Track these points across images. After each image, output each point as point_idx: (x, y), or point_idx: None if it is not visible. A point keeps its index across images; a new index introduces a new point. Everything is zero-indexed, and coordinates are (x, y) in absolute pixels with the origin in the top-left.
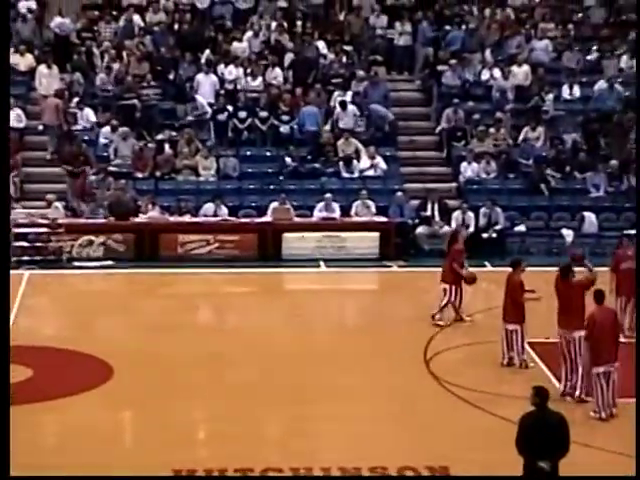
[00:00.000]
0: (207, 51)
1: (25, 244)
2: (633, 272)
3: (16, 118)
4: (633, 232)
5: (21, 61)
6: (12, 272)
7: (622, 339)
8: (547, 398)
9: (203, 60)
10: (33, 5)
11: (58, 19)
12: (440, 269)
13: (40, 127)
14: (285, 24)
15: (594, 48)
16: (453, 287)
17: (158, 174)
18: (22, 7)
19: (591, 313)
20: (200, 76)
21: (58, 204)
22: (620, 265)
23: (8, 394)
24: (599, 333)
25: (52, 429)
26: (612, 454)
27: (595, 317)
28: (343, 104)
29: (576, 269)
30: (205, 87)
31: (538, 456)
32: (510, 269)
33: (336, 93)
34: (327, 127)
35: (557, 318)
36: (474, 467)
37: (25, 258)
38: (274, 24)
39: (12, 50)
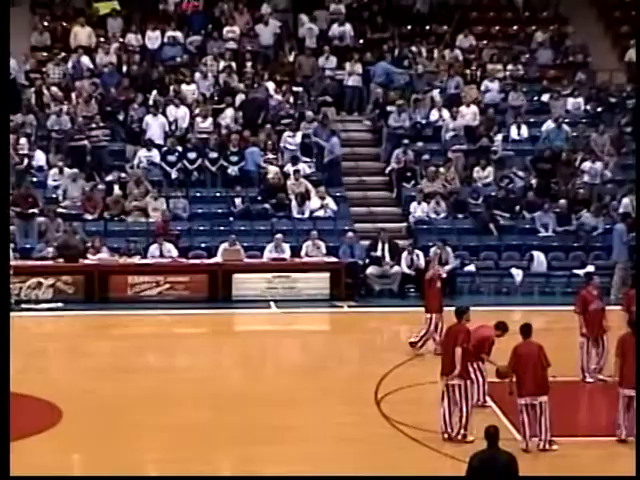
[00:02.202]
0: (154, 92)
1: None
2: (601, 313)
3: None
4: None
5: None
6: None
7: (588, 379)
8: (496, 437)
9: (151, 102)
10: None
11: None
12: (390, 309)
13: None
14: (234, 65)
15: (541, 89)
16: (434, 317)
17: (107, 215)
18: None
19: (516, 346)
20: (149, 117)
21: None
22: (589, 306)
23: (8, 395)
24: (523, 366)
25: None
26: None
27: (520, 350)
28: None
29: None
30: (154, 128)
31: None
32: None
33: (286, 134)
34: (275, 168)
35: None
36: None
37: None
38: (223, 65)
39: None
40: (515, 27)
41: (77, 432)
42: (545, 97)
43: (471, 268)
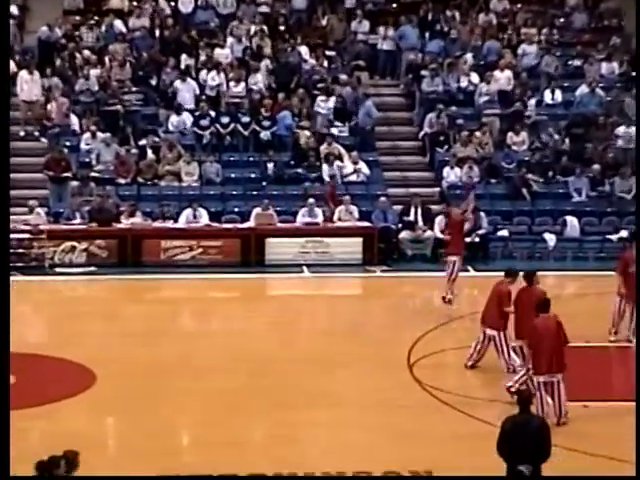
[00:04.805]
0: (184, 56)
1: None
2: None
3: None
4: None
5: None
6: None
7: (611, 337)
8: (529, 402)
9: (183, 66)
10: (15, 11)
11: (41, 25)
12: (423, 274)
13: (22, 133)
14: (267, 29)
15: (575, 53)
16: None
17: (140, 180)
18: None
19: (533, 323)
20: (178, 82)
21: (40, 210)
22: (628, 268)
23: (8, 395)
24: (540, 343)
25: (35, 436)
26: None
27: (537, 326)
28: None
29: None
30: (184, 93)
31: (518, 460)
32: (503, 276)
33: (318, 98)
34: (307, 133)
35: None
36: (459, 472)
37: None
38: (256, 29)
39: None
40: None
41: (111, 396)
42: (579, 61)
43: (504, 233)
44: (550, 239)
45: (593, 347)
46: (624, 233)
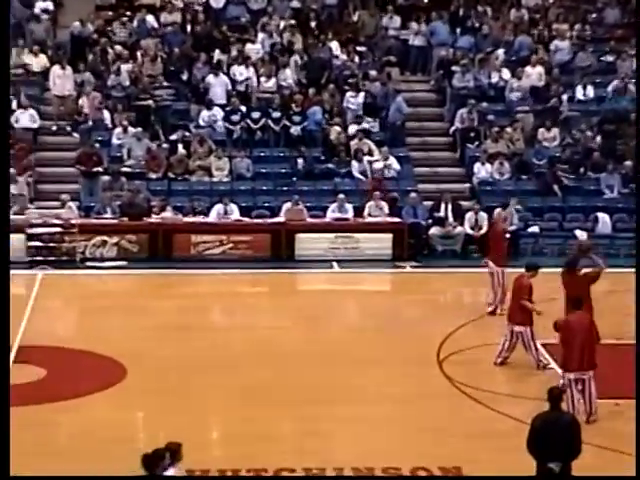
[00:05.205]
0: (216, 51)
1: (39, 244)
2: None
3: (30, 118)
4: None
5: (35, 61)
6: (25, 272)
7: None
8: (560, 399)
9: (214, 61)
10: (50, 6)
11: (74, 21)
12: (453, 270)
13: (54, 127)
14: (297, 25)
15: (608, 49)
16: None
17: (171, 175)
18: (38, 8)
19: (566, 319)
20: (211, 77)
21: (72, 204)
22: None
23: (8, 394)
24: (573, 340)
25: (64, 429)
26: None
27: (571, 323)
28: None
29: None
30: (216, 88)
31: (548, 457)
32: (523, 271)
33: (349, 94)
34: (337, 128)
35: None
36: (488, 468)
37: (38, 258)
38: (287, 24)
39: (26, 51)
40: None
41: (141, 389)
42: (611, 57)
43: (535, 229)
44: (581, 235)
45: (624, 345)
46: None
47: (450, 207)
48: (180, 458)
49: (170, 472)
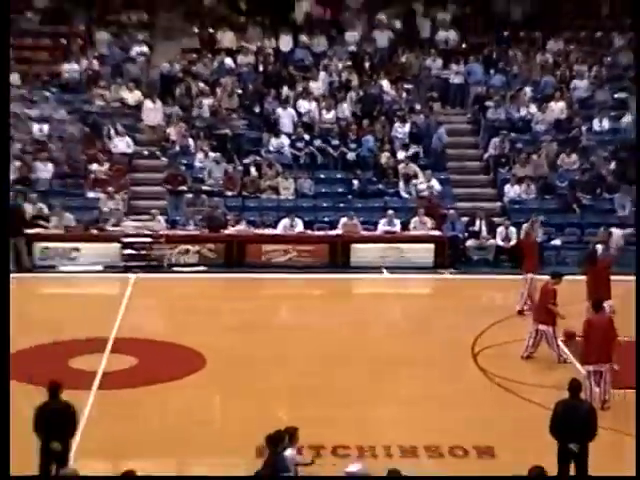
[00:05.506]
0: (285, 88)
1: (132, 251)
2: None
3: (126, 145)
4: None
5: (130, 96)
6: (120, 275)
7: None
8: (579, 389)
9: (283, 96)
10: (144, 49)
11: (163, 62)
12: (486, 276)
13: (146, 152)
14: (353, 65)
15: (621, 87)
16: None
17: (245, 193)
18: (134, 51)
19: (588, 318)
20: (279, 110)
21: (160, 217)
22: None
23: (8, 394)
24: (593, 336)
25: (152, 411)
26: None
27: (592, 321)
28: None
29: None
30: (284, 119)
31: (568, 439)
32: (549, 278)
33: (396, 124)
34: (387, 154)
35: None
36: (520, 449)
37: (132, 263)
38: (344, 65)
39: (123, 87)
40: (599, 33)
41: (218, 377)
42: (624, 94)
43: (557, 242)
44: (597, 248)
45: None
46: None
47: (484, 222)
48: (296, 440)
49: (288, 452)
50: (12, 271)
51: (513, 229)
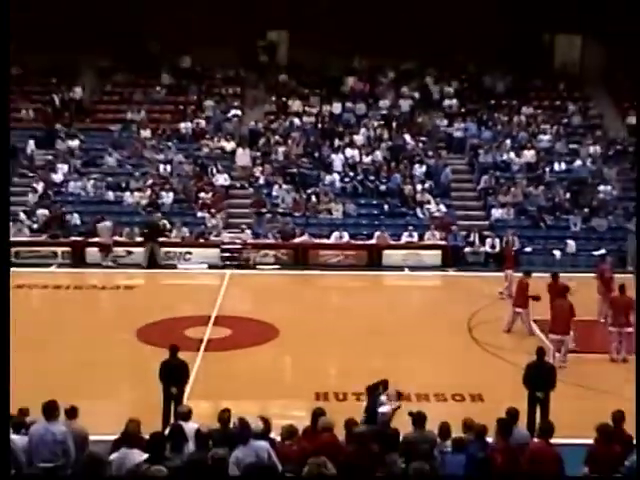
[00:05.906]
0: (336, 140)
1: (228, 254)
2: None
3: (224, 179)
4: (600, 253)
5: (227, 145)
6: (219, 272)
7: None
8: (544, 353)
9: (335, 145)
10: (238, 113)
11: (251, 121)
12: (478, 273)
13: (238, 185)
14: (385, 123)
15: (573, 140)
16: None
17: (308, 214)
18: (230, 114)
19: (553, 302)
20: (332, 155)
21: (248, 231)
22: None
23: (8, 393)
24: (556, 313)
25: (242, 367)
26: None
27: (555, 303)
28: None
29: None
30: (336, 162)
31: (536, 388)
32: (523, 274)
33: (416, 166)
34: (409, 186)
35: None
36: (501, 395)
37: (227, 263)
38: (378, 123)
39: (222, 139)
40: (558, 102)
41: (289, 343)
42: (576, 145)
43: (528, 249)
44: (557, 254)
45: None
46: (603, 251)
47: (477, 235)
48: (386, 388)
49: (383, 398)
50: (146, 267)
51: (497, 240)
